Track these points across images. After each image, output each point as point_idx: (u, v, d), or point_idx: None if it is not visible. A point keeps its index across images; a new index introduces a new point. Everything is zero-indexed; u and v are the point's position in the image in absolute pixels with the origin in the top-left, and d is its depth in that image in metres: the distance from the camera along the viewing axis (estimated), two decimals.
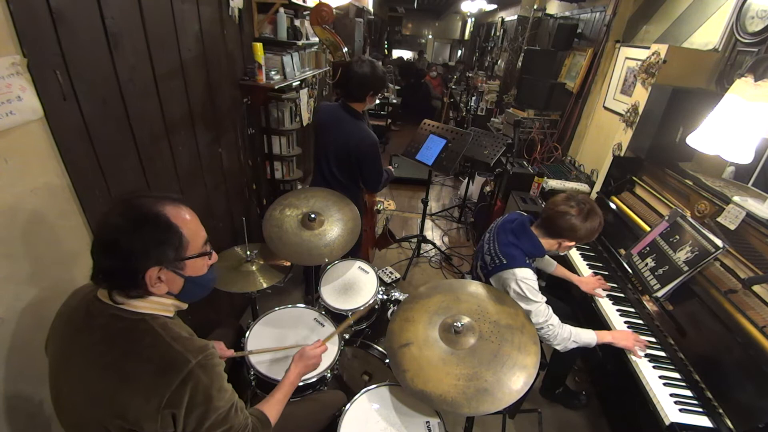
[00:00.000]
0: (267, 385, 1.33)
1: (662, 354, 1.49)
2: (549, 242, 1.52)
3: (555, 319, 1.45)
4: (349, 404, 1.25)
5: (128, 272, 0.79)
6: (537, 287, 1.46)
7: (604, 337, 1.50)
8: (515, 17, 5.19)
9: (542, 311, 1.43)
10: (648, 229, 1.86)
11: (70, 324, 0.86)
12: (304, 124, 2.67)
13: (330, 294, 1.74)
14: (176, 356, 0.80)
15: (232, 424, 0.87)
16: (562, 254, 1.56)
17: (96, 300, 0.84)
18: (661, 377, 1.39)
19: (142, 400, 0.77)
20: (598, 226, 1.47)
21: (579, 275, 1.95)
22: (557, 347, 1.47)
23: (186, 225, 0.83)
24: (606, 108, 2.92)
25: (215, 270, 0.96)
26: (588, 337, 1.49)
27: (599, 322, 1.69)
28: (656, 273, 1.65)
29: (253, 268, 1.68)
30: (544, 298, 1.46)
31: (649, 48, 2.09)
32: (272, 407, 1.08)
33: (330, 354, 1.41)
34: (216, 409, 0.83)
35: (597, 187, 2.39)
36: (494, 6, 6.81)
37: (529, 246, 1.51)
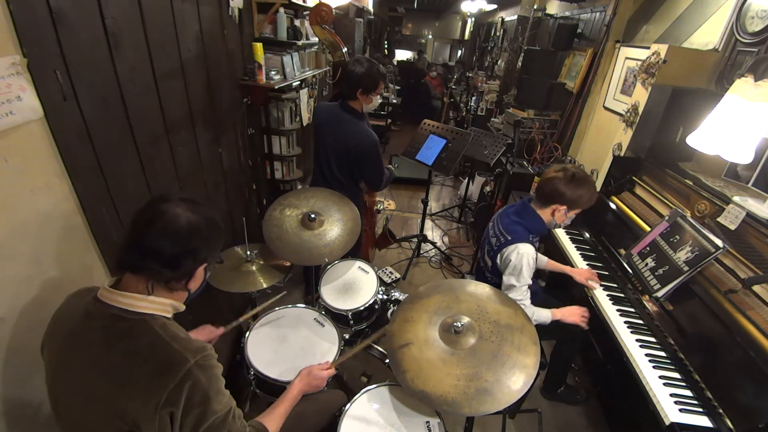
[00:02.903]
0: (266, 385, 1.33)
1: (662, 354, 1.49)
2: (544, 212, 1.61)
3: (528, 302, 1.58)
4: (349, 404, 1.25)
5: (188, 264, 0.87)
6: (532, 268, 1.55)
7: (556, 314, 1.64)
8: (515, 17, 5.19)
9: (523, 291, 1.56)
10: (648, 229, 1.86)
11: (67, 327, 0.86)
12: (304, 124, 2.67)
13: (330, 294, 1.74)
14: (175, 355, 0.80)
15: (229, 429, 0.87)
16: (562, 224, 1.65)
17: (96, 301, 0.84)
18: (661, 377, 1.39)
19: (141, 402, 0.77)
20: (587, 192, 1.54)
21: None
22: None
23: None
24: (606, 108, 2.92)
25: None
26: (545, 315, 1.62)
27: (598, 321, 1.69)
28: (656, 273, 1.65)
29: (253, 268, 1.68)
30: (530, 282, 1.56)
31: (649, 48, 2.09)
32: (272, 420, 1.07)
33: (330, 355, 1.41)
34: (213, 412, 0.83)
35: (597, 188, 2.39)
36: (494, 6, 6.81)
37: (531, 222, 1.60)
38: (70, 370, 0.83)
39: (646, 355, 1.48)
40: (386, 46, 9.90)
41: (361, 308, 1.68)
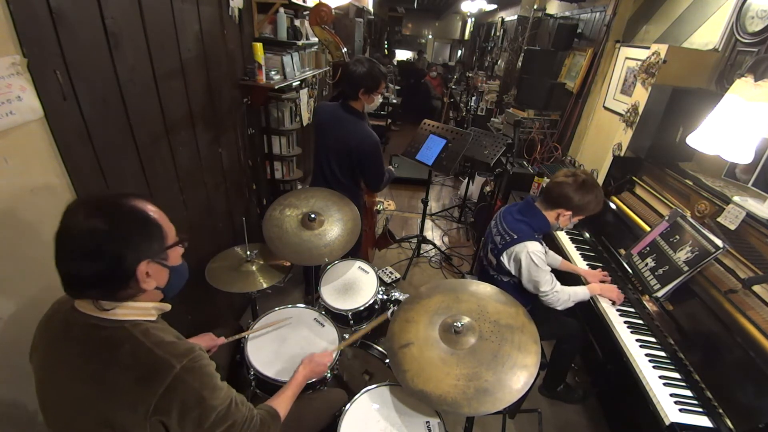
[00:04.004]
0: (267, 386, 1.33)
1: (662, 354, 1.49)
2: (549, 214, 1.63)
3: (558, 285, 1.63)
4: (349, 404, 1.25)
5: (119, 273, 0.76)
6: (545, 259, 1.59)
7: (594, 289, 1.71)
8: (515, 17, 5.19)
9: (548, 280, 1.59)
10: (648, 229, 1.86)
11: (50, 335, 0.84)
12: (304, 124, 2.67)
13: (330, 294, 1.74)
14: (159, 362, 0.77)
15: (234, 420, 0.87)
16: (564, 228, 1.69)
17: (74, 311, 0.81)
18: (661, 377, 1.39)
19: (129, 409, 0.75)
20: (594, 199, 1.58)
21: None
22: (559, 308, 1.66)
23: (159, 216, 0.82)
24: (606, 108, 2.92)
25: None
26: (582, 293, 1.68)
27: (598, 321, 1.69)
28: (656, 273, 1.65)
29: (253, 268, 1.68)
30: (549, 268, 1.58)
31: (649, 48, 2.09)
32: (281, 403, 1.09)
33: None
34: (213, 408, 0.82)
35: None
36: (494, 6, 6.81)
37: (536, 221, 1.63)
38: (55, 379, 0.81)
39: (646, 355, 1.48)
40: (386, 46, 9.90)
41: (361, 308, 1.68)
